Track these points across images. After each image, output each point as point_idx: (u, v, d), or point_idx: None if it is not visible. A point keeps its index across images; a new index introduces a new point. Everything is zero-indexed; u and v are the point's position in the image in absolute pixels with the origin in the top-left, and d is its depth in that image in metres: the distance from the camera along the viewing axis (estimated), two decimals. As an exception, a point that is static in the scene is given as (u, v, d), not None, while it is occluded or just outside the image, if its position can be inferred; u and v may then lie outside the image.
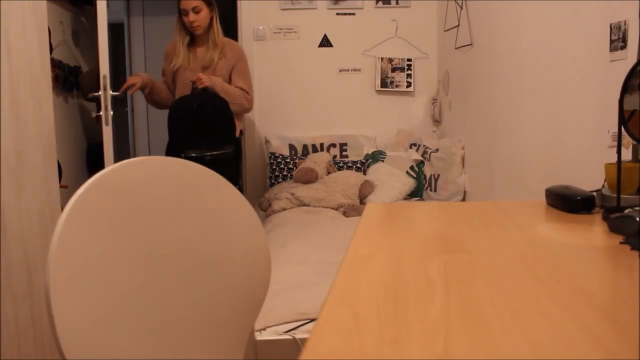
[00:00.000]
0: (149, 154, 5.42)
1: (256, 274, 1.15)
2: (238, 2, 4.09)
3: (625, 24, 1.75)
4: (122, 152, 5.13)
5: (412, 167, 3.77)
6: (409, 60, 4.14)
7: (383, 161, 3.86)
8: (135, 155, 5.24)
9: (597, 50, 1.92)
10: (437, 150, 3.70)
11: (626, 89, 1.07)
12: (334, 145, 4.06)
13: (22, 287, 1.87)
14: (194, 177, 1.07)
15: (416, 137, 4.00)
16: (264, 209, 3.70)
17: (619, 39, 1.78)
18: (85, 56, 4.12)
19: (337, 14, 4.14)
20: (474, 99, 3.32)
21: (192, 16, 3.15)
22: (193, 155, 2.95)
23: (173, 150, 3.07)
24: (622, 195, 1.09)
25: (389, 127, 4.13)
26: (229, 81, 3.23)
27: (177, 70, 3.26)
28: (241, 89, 3.21)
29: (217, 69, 3.20)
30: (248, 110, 3.30)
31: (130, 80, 3.19)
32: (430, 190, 3.66)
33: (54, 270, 0.78)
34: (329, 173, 3.76)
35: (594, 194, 1.19)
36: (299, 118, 4.18)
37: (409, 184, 3.69)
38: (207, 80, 3.08)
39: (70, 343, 0.79)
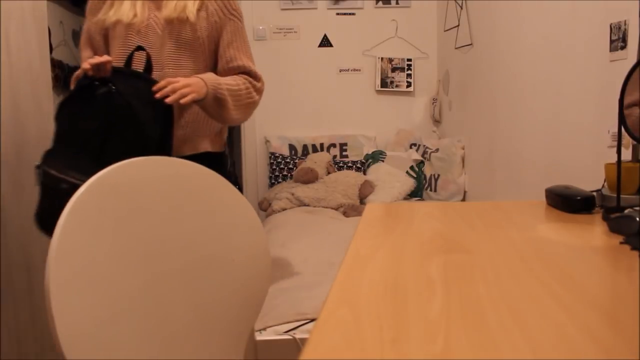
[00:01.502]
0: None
1: (256, 274, 1.15)
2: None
3: (625, 24, 1.75)
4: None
5: (412, 167, 3.77)
6: (409, 60, 4.14)
7: (383, 161, 3.86)
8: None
9: (597, 50, 1.92)
10: (437, 150, 3.70)
11: (626, 89, 1.07)
12: (334, 145, 4.06)
13: (22, 287, 1.87)
14: (194, 177, 1.07)
15: (416, 137, 4.00)
16: (264, 209, 3.70)
17: (619, 39, 1.78)
18: (85, 56, 4.12)
19: (337, 14, 4.14)
20: (474, 99, 3.32)
21: None
22: (68, 180, 1.55)
23: (50, 162, 1.61)
24: (622, 195, 1.09)
25: (389, 127, 4.14)
26: (214, 55, 1.84)
27: (113, 29, 1.77)
28: (245, 72, 1.83)
29: (197, 28, 1.77)
30: (259, 101, 1.92)
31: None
32: (430, 190, 3.66)
33: (54, 270, 0.78)
34: (329, 173, 3.76)
35: (594, 194, 1.18)
36: (299, 118, 4.18)
37: (409, 184, 3.69)
38: (189, 88, 1.61)
39: (70, 343, 0.79)
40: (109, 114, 1.60)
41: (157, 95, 1.59)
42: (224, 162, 1.96)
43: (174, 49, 1.76)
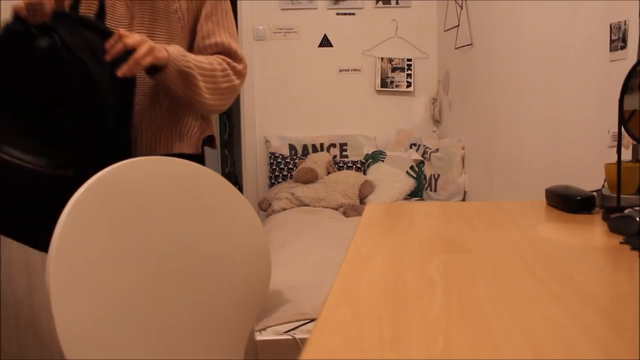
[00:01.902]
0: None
1: (256, 273, 1.15)
2: (238, 2, 4.09)
3: (625, 24, 1.75)
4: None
5: (412, 167, 3.77)
6: (409, 60, 4.14)
7: (383, 161, 3.86)
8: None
9: (597, 50, 1.91)
10: (437, 150, 3.70)
11: (626, 89, 1.07)
12: (334, 145, 4.06)
13: (22, 287, 1.87)
14: (194, 176, 1.07)
15: (416, 137, 4.00)
16: (264, 209, 3.70)
17: (619, 39, 1.78)
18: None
19: (337, 14, 4.14)
20: (474, 99, 3.32)
21: None
22: (2, 158, 1.22)
23: None
24: (622, 195, 1.09)
25: (389, 127, 4.14)
26: (191, 33, 1.53)
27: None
28: (224, 52, 1.53)
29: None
30: (240, 86, 1.57)
31: None
32: (430, 190, 3.66)
33: (54, 270, 0.78)
34: (329, 173, 3.76)
35: (594, 194, 1.19)
36: (299, 118, 4.18)
37: (409, 184, 3.69)
38: (145, 47, 1.26)
39: (70, 343, 0.79)
40: (52, 73, 1.23)
41: (108, 57, 1.24)
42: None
43: (147, 24, 1.45)
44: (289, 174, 3.87)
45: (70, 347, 0.78)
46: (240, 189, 4.11)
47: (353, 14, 4.14)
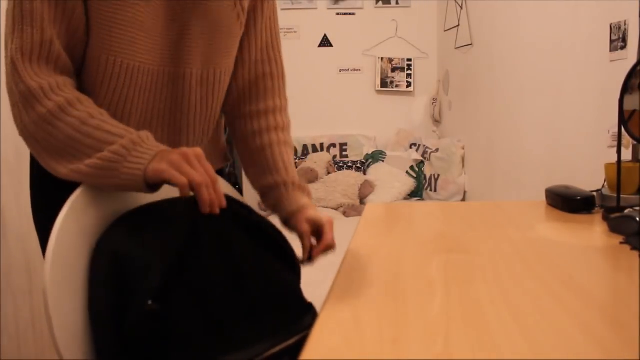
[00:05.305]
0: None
1: (256, 274, 1.14)
2: (238, 2, 4.09)
3: (625, 24, 1.75)
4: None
5: (412, 167, 3.77)
6: (409, 60, 4.14)
7: (383, 161, 3.86)
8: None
9: (597, 50, 1.91)
10: (437, 150, 3.70)
11: (626, 89, 1.07)
12: (334, 145, 4.06)
13: (22, 287, 1.87)
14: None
15: (416, 137, 4.01)
16: (265, 210, 3.70)
17: (619, 39, 1.78)
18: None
19: (337, 14, 4.14)
20: (474, 99, 3.32)
21: None
22: None
23: None
24: (622, 195, 1.09)
25: (389, 127, 4.14)
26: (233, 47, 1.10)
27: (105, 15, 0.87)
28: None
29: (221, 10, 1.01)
30: None
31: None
32: (430, 190, 3.66)
33: (52, 270, 0.78)
34: (329, 173, 3.76)
35: (594, 194, 1.19)
36: (299, 118, 4.17)
37: (409, 184, 3.69)
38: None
39: (68, 343, 0.79)
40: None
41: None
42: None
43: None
44: (289, 174, 3.87)
45: (68, 348, 0.78)
46: (240, 190, 4.11)
47: (353, 14, 4.14)
